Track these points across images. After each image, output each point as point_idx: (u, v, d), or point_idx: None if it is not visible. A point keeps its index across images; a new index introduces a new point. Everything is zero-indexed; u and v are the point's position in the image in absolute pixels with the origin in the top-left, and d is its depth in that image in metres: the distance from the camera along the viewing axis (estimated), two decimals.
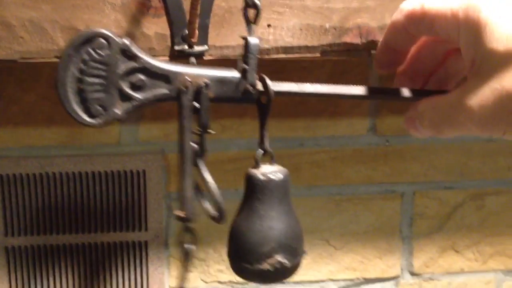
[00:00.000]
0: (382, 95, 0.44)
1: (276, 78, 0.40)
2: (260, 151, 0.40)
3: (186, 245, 0.40)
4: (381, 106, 0.69)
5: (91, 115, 0.37)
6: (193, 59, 0.43)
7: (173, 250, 0.70)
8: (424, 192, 0.73)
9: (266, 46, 0.48)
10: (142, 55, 0.37)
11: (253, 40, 0.39)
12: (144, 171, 0.67)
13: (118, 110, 0.37)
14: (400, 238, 0.74)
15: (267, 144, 0.40)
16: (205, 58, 0.46)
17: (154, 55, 0.41)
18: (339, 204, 0.72)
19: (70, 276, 0.68)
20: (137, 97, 0.37)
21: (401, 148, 0.71)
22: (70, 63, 0.36)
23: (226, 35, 0.47)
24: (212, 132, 0.39)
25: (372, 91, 0.42)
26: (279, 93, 0.40)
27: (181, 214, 0.38)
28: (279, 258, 0.38)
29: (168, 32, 0.45)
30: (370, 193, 0.72)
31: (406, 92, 0.41)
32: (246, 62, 0.39)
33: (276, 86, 0.40)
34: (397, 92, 0.41)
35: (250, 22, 0.39)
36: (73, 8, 0.44)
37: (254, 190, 0.39)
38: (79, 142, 0.66)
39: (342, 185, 0.71)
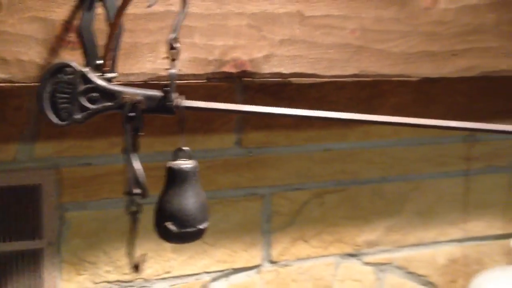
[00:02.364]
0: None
1: None
2: (178, 149, 0.52)
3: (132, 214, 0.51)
4: (245, 123, 0.81)
5: (61, 119, 0.50)
6: None
7: (65, 256, 0.75)
8: (279, 194, 0.84)
9: (163, 73, 0.59)
10: (96, 79, 0.48)
11: (171, 70, 0.51)
12: (39, 185, 0.72)
13: (78, 116, 0.50)
14: (261, 232, 0.84)
15: (182, 144, 0.52)
16: (113, 83, 0.56)
17: None
18: (212, 206, 0.80)
19: None
20: (92, 108, 0.49)
21: (261, 158, 0.82)
22: (46, 84, 0.49)
23: (131, 64, 0.57)
24: (142, 133, 0.50)
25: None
26: (191, 108, 0.52)
27: (138, 191, 0.50)
28: (168, 225, 0.51)
29: (84, 62, 0.55)
30: (237, 196, 0.81)
31: None
32: (167, 86, 0.51)
33: (189, 103, 0.52)
34: None
35: (172, 59, 0.51)
36: (4, 43, 0.51)
37: (171, 176, 0.51)
38: None
39: (214, 190, 0.80)
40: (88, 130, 0.71)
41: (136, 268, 0.53)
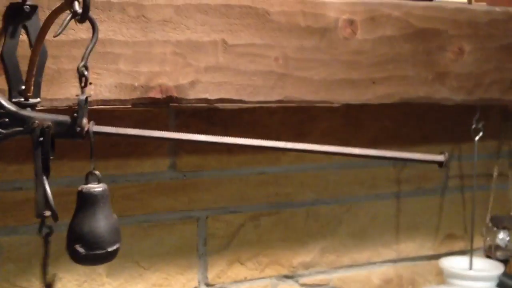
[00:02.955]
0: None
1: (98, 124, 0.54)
2: (89, 173, 0.54)
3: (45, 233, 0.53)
4: (178, 147, 0.83)
5: None
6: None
7: None
8: (215, 216, 0.85)
9: (89, 99, 0.61)
10: (6, 105, 0.50)
11: (80, 97, 0.52)
12: None
13: None
14: (197, 255, 0.84)
15: (92, 168, 0.53)
16: (37, 108, 0.58)
17: None
18: (146, 230, 0.81)
19: None
20: (3, 132, 0.50)
21: (195, 182, 0.83)
22: None
23: (55, 90, 0.59)
24: (52, 157, 0.52)
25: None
26: (100, 133, 0.54)
27: (47, 214, 0.52)
28: (77, 247, 0.53)
29: (7, 88, 0.56)
30: (172, 219, 0.82)
31: None
32: (76, 111, 0.52)
33: (98, 128, 0.54)
34: None
35: (81, 86, 0.53)
36: None
37: (81, 199, 0.53)
38: None
39: (149, 214, 0.81)
40: (18, 154, 0.72)
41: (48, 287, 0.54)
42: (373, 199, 0.98)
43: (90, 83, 0.60)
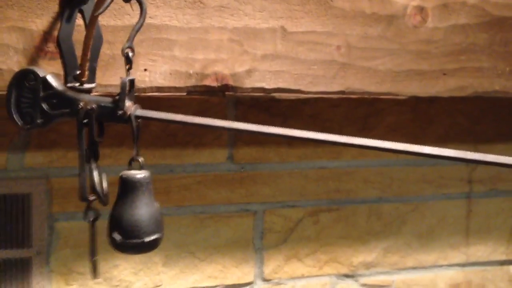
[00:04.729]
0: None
1: None
2: (131, 159, 0.53)
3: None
4: (237, 138, 0.82)
5: (25, 123, 0.52)
6: None
7: (54, 265, 0.76)
8: (272, 210, 0.83)
9: (142, 85, 0.60)
10: (55, 85, 0.49)
11: (123, 79, 0.51)
12: (29, 194, 0.73)
13: (40, 120, 0.52)
14: (253, 249, 0.83)
15: (135, 153, 0.52)
16: (92, 94, 0.58)
17: None
18: (203, 221, 0.81)
19: None
20: (51, 113, 0.52)
21: (253, 174, 0.82)
22: (12, 90, 0.51)
23: (110, 76, 0.59)
24: (100, 140, 0.51)
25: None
26: (143, 117, 0.52)
27: (92, 198, 0.52)
28: (114, 235, 0.52)
29: (62, 72, 0.56)
30: (228, 212, 0.81)
31: None
32: (118, 94, 0.51)
33: (142, 112, 0.52)
34: None
35: (126, 68, 0.52)
36: None
37: (122, 186, 0.51)
38: None
39: (205, 205, 0.80)
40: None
41: (94, 271, 0.53)
42: (442, 199, 0.93)
43: (145, 70, 0.59)
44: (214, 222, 0.82)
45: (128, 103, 0.51)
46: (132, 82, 0.51)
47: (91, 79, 0.56)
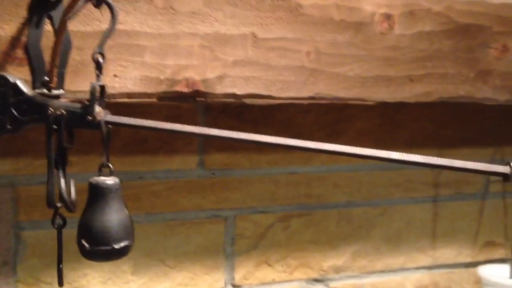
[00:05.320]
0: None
1: None
2: (101, 165, 0.52)
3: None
4: (208, 144, 0.82)
5: None
6: None
7: (21, 275, 0.74)
8: (243, 216, 0.83)
9: (112, 91, 0.59)
10: (25, 90, 0.49)
11: (93, 84, 0.51)
12: None
13: (9, 126, 0.51)
14: (224, 256, 0.83)
15: (106, 160, 0.52)
16: (61, 100, 0.57)
17: None
18: (173, 228, 0.80)
19: None
20: (21, 119, 0.51)
21: (224, 180, 0.82)
22: None
23: (79, 82, 0.58)
24: (70, 146, 0.50)
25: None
26: (113, 123, 0.52)
27: (60, 205, 0.52)
28: (82, 242, 0.51)
29: (30, 78, 0.55)
30: (199, 218, 0.81)
31: None
32: (88, 100, 0.51)
33: (112, 118, 0.52)
34: None
35: (97, 74, 0.51)
36: None
37: (91, 192, 0.51)
38: None
39: (176, 212, 0.79)
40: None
41: (59, 278, 0.53)
42: (409, 203, 0.94)
43: (115, 75, 0.59)
44: (184, 229, 0.81)
45: (98, 109, 0.50)
46: (102, 87, 0.51)
47: (60, 85, 0.56)
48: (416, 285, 0.96)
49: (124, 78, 0.59)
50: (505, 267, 0.89)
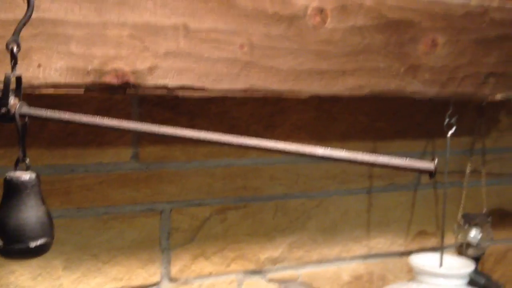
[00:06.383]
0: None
1: None
2: (17, 160, 0.50)
3: None
4: (141, 137, 0.80)
5: None
6: None
7: None
8: (179, 209, 0.82)
9: (36, 82, 0.57)
10: None
11: (7, 74, 0.49)
12: None
13: None
14: (160, 249, 0.82)
15: (21, 154, 0.50)
16: None
17: None
18: (106, 222, 0.78)
19: None
20: None
21: (159, 173, 0.81)
22: None
23: (1, 72, 0.55)
24: None
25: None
26: (29, 116, 0.50)
27: None
28: None
29: None
30: (133, 212, 0.79)
31: None
32: (3, 93, 0.49)
33: (28, 110, 0.50)
34: None
35: (12, 64, 0.49)
36: None
37: (5, 188, 0.50)
38: None
39: (109, 206, 0.78)
40: None
41: None
42: (344, 194, 0.96)
43: (39, 65, 0.57)
44: (118, 223, 0.80)
45: (13, 101, 0.48)
46: (18, 78, 0.48)
47: None
48: (352, 274, 0.98)
49: (49, 68, 0.57)
50: (435, 256, 0.93)
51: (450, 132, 0.89)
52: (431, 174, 0.49)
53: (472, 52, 0.79)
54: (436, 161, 0.49)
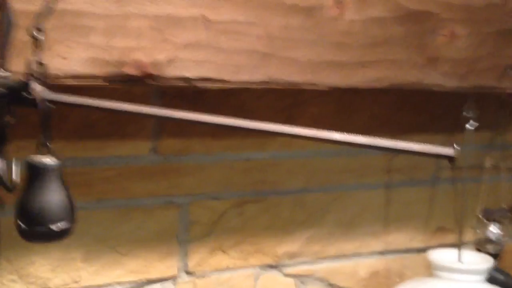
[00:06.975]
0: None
1: None
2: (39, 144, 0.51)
3: None
4: (162, 129, 0.80)
5: None
6: None
7: None
8: (197, 203, 0.82)
9: (59, 73, 0.58)
10: None
11: (28, 60, 0.49)
12: None
13: None
14: (178, 242, 0.82)
15: (43, 138, 0.50)
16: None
17: None
18: (125, 215, 0.79)
19: None
20: None
21: (178, 166, 0.81)
22: None
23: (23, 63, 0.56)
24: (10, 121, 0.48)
25: None
26: (54, 101, 0.50)
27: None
28: (19, 222, 0.50)
29: None
30: (152, 205, 0.80)
31: None
32: (26, 78, 0.49)
33: (52, 96, 0.50)
34: None
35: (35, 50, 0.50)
36: None
37: (30, 171, 0.50)
38: None
39: (128, 198, 0.78)
40: None
41: None
42: (363, 188, 0.96)
43: (61, 56, 0.57)
44: (137, 215, 0.80)
45: (34, 85, 0.49)
46: (41, 64, 0.49)
47: (4, 66, 0.54)
48: (369, 270, 0.98)
49: (71, 59, 0.58)
50: (454, 252, 0.92)
51: (467, 126, 0.88)
52: (450, 159, 0.48)
53: (492, 44, 0.78)
54: (455, 146, 0.48)
